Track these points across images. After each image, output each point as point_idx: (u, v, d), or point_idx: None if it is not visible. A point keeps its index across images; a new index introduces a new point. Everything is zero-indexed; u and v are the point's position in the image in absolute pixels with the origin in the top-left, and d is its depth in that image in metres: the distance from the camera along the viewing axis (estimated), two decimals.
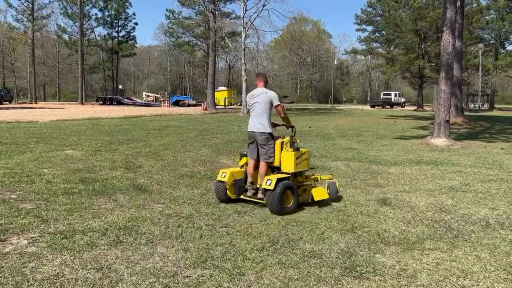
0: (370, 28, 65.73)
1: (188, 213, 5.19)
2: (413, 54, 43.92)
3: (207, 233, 4.44)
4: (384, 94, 57.35)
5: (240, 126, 19.35)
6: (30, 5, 50.99)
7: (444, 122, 12.88)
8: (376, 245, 4.13)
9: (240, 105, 47.26)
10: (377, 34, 63.94)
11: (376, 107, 53.74)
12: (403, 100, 57.81)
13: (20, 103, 48.11)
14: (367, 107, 55.01)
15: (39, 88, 67.63)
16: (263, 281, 3.32)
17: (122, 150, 10.64)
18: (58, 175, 7.42)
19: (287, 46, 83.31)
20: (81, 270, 3.49)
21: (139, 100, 55.45)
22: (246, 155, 5.91)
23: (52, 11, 57.17)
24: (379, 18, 60.49)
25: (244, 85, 30.96)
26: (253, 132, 5.64)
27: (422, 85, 47.63)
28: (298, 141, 5.84)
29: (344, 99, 78.48)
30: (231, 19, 48.38)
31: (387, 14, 45.18)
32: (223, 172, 5.69)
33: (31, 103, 48.73)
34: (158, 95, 60.34)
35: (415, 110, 46.22)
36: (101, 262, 3.66)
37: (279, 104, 5.64)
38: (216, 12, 33.66)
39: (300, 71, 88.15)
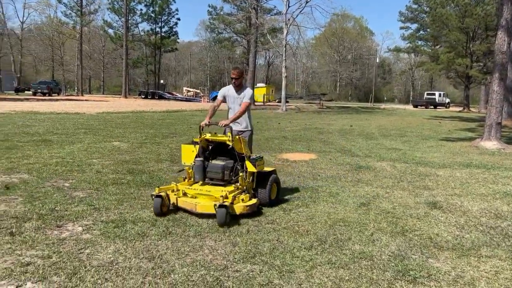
0: (414, 26, 63.70)
1: None
2: (453, 53, 42.08)
3: (254, 229, 4.44)
4: (428, 94, 55.47)
5: (279, 123, 19.31)
6: (79, 1, 52.94)
7: (495, 125, 12.29)
8: (429, 250, 3.99)
9: (279, 102, 47.16)
10: (421, 32, 61.87)
11: (419, 107, 52.11)
12: (447, 100, 55.71)
13: (67, 95, 50.15)
14: (409, 107, 53.49)
15: (85, 81, 70.17)
16: (313, 280, 3.28)
17: (166, 143, 10.87)
18: (107, 165, 7.66)
19: (328, 42, 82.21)
20: (134, 259, 3.58)
21: (179, 95, 56.52)
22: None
23: (99, 7, 59.17)
24: (424, 15, 58.46)
25: (284, 82, 30.80)
26: None
27: (469, 86, 45.69)
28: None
29: (385, 98, 76.62)
30: (272, 15, 48.29)
31: (434, 11, 43.56)
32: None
33: (78, 96, 50.72)
34: (198, 90, 61.23)
35: (460, 111, 44.49)
36: (152, 252, 3.74)
37: None
38: (258, 8, 33.64)
39: (340, 68, 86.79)
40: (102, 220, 4.61)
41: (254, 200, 4.86)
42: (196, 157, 5.27)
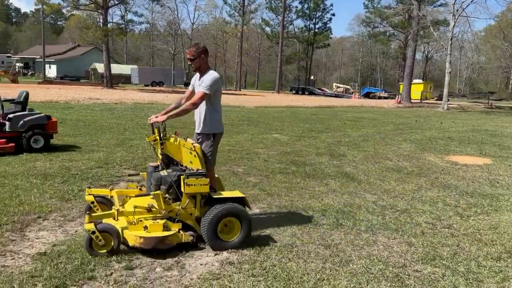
0: None
1: (403, 207, 5.06)
2: None
3: (429, 231, 4.25)
4: None
5: (441, 123, 17.84)
6: (242, 1, 57.02)
7: None
8: None
9: (437, 100, 43.50)
10: None
11: None
12: None
13: (227, 90, 54.63)
14: None
15: (242, 77, 75.48)
16: None
17: (322, 138, 11.05)
18: (271, 155, 8.17)
19: (504, 34, 72.25)
20: (310, 245, 3.78)
21: (329, 91, 56.60)
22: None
23: (259, 5, 62.74)
24: None
25: (447, 78, 28.17)
26: None
27: None
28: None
29: None
30: (435, 6, 44.69)
31: None
32: None
33: (236, 90, 54.84)
34: (348, 86, 60.43)
35: None
36: (327, 241, 3.89)
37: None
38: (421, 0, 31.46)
39: None
40: (275, 204, 4.96)
41: (161, 233, 3.39)
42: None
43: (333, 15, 67.50)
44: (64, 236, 3.72)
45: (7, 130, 7.02)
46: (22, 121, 7.09)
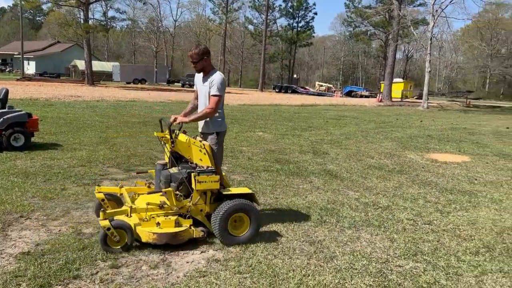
0: None
1: (385, 204, 5.16)
2: None
3: (410, 227, 4.35)
4: None
5: (421, 121, 18.18)
6: None
7: None
8: None
9: (417, 98, 44.26)
10: None
11: None
12: None
13: None
14: None
15: (225, 75, 75.23)
16: (485, 287, 3.11)
17: (306, 136, 11.14)
18: (256, 153, 8.21)
19: (482, 34, 73.91)
20: (295, 242, 3.83)
21: (312, 90, 56.94)
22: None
23: (243, 4, 62.65)
24: None
25: (427, 77, 28.72)
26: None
27: None
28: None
29: None
30: (415, 6, 45.42)
31: None
32: None
33: None
34: (330, 85, 60.92)
35: None
36: (312, 237, 3.95)
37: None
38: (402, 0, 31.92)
39: (491, 63, 77.36)
40: (260, 202, 4.97)
41: (173, 229, 3.51)
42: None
43: (316, 14, 68.09)
44: (47, 235, 3.68)
45: None
46: (1, 119, 6.95)
